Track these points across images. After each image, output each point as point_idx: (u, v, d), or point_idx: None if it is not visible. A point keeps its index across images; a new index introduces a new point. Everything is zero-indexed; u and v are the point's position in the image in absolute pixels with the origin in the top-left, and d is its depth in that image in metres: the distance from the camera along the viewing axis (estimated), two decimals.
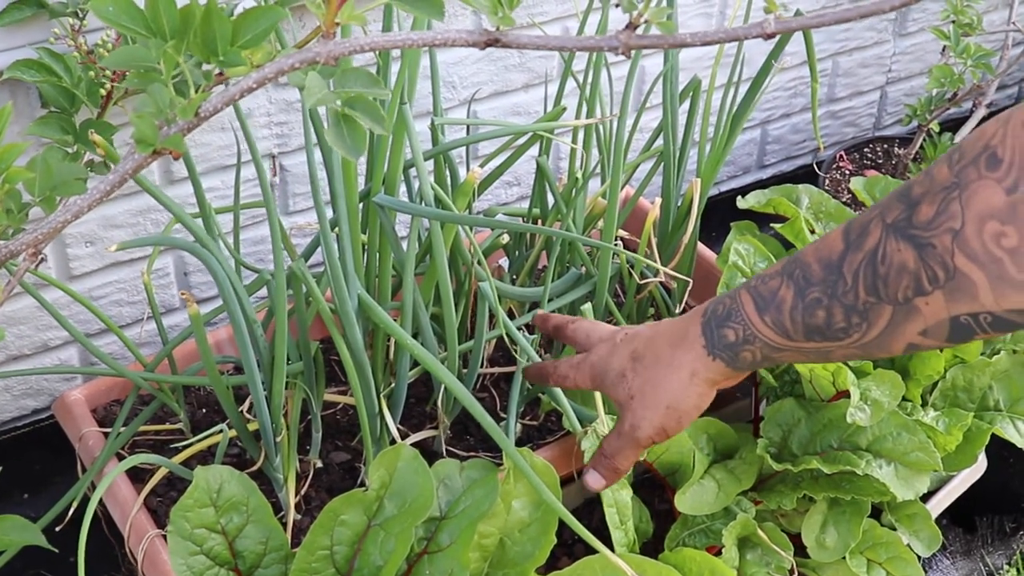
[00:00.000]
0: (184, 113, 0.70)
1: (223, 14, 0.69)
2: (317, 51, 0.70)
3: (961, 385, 1.53)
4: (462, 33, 0.73)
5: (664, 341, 1.10)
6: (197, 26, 0.69)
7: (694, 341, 1.06)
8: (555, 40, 0.77)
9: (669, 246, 1.60)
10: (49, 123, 1.28)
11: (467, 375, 1.45)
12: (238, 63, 0.70)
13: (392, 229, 1.33)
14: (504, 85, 1.78)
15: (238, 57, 0.70)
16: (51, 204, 0.78)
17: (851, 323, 0.93)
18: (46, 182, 0.78)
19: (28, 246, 0.77)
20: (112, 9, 0.69)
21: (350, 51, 0.71)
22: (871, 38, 2.21)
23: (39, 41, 1.34)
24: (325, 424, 1.51)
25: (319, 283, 1.33)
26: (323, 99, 0.69)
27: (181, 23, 0.69)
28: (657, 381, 1.09)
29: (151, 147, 0.71)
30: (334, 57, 0.70)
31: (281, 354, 1.25)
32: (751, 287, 1.01)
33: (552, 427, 1.55)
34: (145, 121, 0.70)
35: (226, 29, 0.69)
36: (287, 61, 0.70)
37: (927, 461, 1.40)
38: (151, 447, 1.48)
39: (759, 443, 1.43)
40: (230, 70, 0.70)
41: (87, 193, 0.74)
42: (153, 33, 0.69)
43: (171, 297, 1.68)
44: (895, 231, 0.89)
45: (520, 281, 1.58)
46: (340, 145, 0.70)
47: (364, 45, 0.71)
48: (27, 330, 1.59)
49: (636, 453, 1.14)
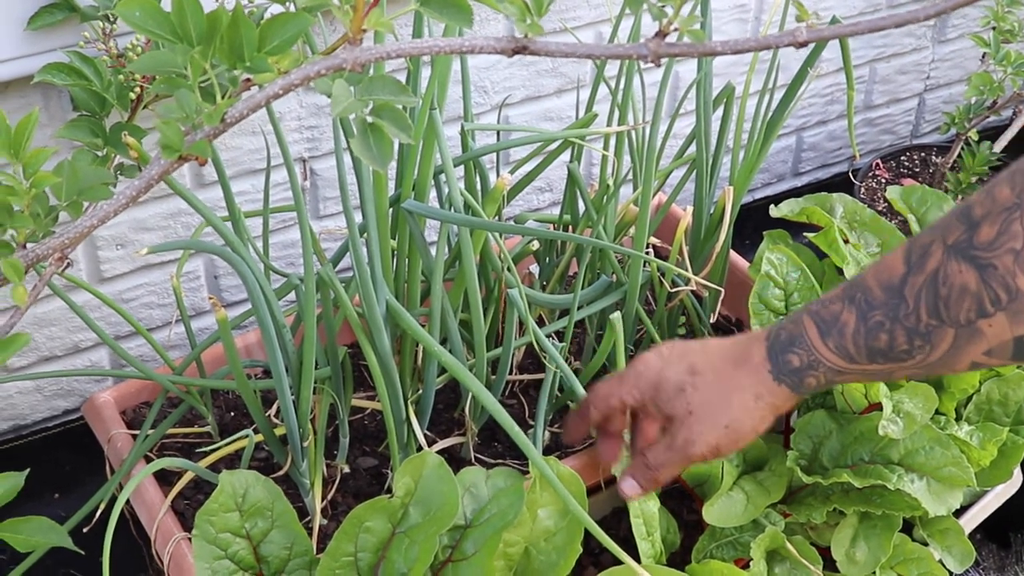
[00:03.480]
0: (210, 119, 0.70)
1: (249, 20, 0.69)
2: (343, 57, 0.69)
3: (996, 399, 1.51)
4: (490, 40, 0.73)
5: (725, 360, 1.07)
6: (224, 32, 0.68)
7: (760, 365, 1.04)
8: (583, 48, 0.76)
9: (701, 254, 1.58)
10: (79, 126, 1.29)
11: (495, 382, 1.44)
12: (265, 69, 0.69)
13: (421, 235, 1.33)
14: (536, 90, 1.77)
15: (265, 63, 0.69)
16: (78, 209, 0.78)
17: (914, 345, 0.92)
18: (72, 186, 0.78)
19: (55, 250, 0.76)
20: (139, 14, 0.68)
21: (376, 58, 0.70)
22: (910, 44, 2.19)
23: (70, 45, 1.34)
24: (352, 429, 1.51)
25: (347, 288, 1.32)
26: (349, 107, 0.68)
27: (208, 29, 0.69)
28: (719, 400, 1.06)
29: (177, 153, 0.70)
30: (360, 64, 0.69)
31: (309, 359, 1.25)
32: (813, 312, 1.00)
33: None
34: (171, 127, 0.69)
35: (253, 35, 0.69)
36: (313, 68, 0.69)
37: (960, 476, 1.38)
38: (179, 450, 1.48)
39: (789, 455, 1.42)
40: (257, 76, 0.70)
41: (114, 198, 0.74)
42: (180, 39, 0.69)
43: (201, 300, 1.69)
44: (956, 252, 0.87)
45: (550, 288, 1.57)
46: (366, 155, 0.70)
47: (390, 52, 0.70)
48: (58, 332, 1.59)
49: (682, 468, 1.12)
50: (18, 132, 0.73)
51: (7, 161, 0.77)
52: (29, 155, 0.74)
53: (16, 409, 1.64)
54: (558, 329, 1.49)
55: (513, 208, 1.87)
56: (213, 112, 0.71)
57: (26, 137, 0.73)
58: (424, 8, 0.69)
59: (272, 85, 0.70)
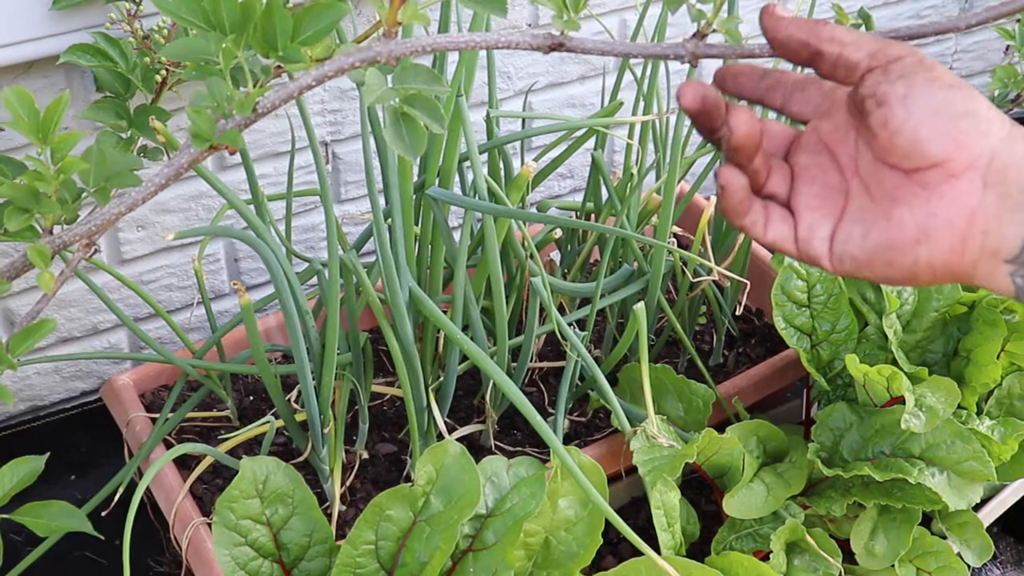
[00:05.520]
0: (241, 108, 0.69)
1: (285, 9, 0.68)
2: (378, 51, 0.68)
3: (1018, 393, 1.50)
4: (526, 36, 0.71)
5: None
6: (258, 20, 0.68)
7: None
8: (621, 46, 0.74)
9: (724, 244, 1.58)
10: (104, 108, 1.28)
11: (516, 370, 1.44)
12: (298, 59, 0.68)
13: (445, 222, 1.32)
14: (560, 76, 1.76)
15: (298, 53, 0.68)
16: (105, 195, 0.77)
17: None
18: (100, 172, 0.77)
19: (82, 236, 0.76)
20: (173, 2, 0.68)
21: (411, 51, 0.69)
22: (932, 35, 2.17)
23: (95, 25, 1.33)
24: (372, 415, 1.50)
25: (369, 273, 1.32)
26: (382, 97, 0.67)
27: (241, 16, 0.68)
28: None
29: (207, 142, 0.70)
30: (395, 57, 0.68)
31: (332, 346, 1.24)
32: None
33: (600, 424, 1.54)
34: (202, 116, 0.69)
35: (287, 24, 0.68)
36: (347, 60, 0.69)
37: (981, 471, 1.37)
38: (198, 433, 1.48)
39: (810, 447, 1.41)
40: (289, 66, 0.69)
41: (142, 186, 0.74)
42: (212, 26, 0.68)
43: (221, 283, 1.68)
44: None
45: (572, 275, 1.56)
46: (398, 144, 0.69)
47: (426, 46, 0.69)
48: (77, 312, 1.59)
49: None
50: (47, 116, 0.73)
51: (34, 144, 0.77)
52: (57, 139, 0.73)
53: (34, 390, 1.64)
54: (579, 318, 1.49)
55: (535, 195, 1.86)
56: (245, 101, 0.71)
57: (54, 121, 0.73)
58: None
59: (305, 75, 0.69)
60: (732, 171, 0.74)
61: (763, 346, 1.68)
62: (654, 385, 1.44)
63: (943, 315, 1.51)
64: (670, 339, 1.66)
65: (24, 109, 0.72)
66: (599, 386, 1.37)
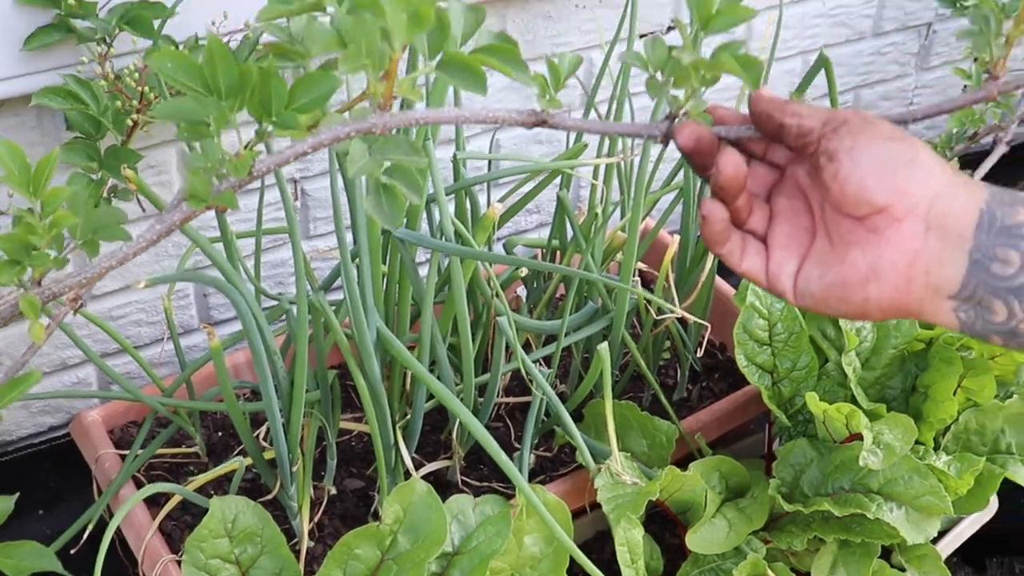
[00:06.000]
0: (237, 170, 0.71)
1: (281, 77, 0.70)
2: (374, 122, 0.71)
3: (974, 428, 1.53)
4: (512, 113, 0.77)
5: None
6: (255, 86, 0.70)
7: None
8: (599, 125, 0.81)
9: (687, 281, 1.60)
10: (75, 149, 1.30)
11: (483, 407, 1.46)
12: (292, 126, 0.70)
13: (412, 262, 1.34)
14: None
15: (293, 119, 0.70)
16: (94, 247, 0.79)
17: None
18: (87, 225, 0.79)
19: (71, 288, 0.78)
20: (171, 66, 0.69)
21: (406, 124, 0.72)
22: (894, 71, 2.21)
23: (65, 65, 1.35)
24: (339, 451, 1.52)
25: (337, 312, 1.33)
26: (365, 168, 0.70)
27: (238, 82, 0.70)
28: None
29: (204, 203, 0.71)
30: (389, 129, 0.71)
31: (300, 385, 1.26)
32: None
33: (566, 459, 1.56)
34: (199, 177, 0.70)
35: (283, 91, 0.70)
36: (343, 129, 0.71)
37: (938, 505, 1.40)
38: (166, 469, 1.49)
39: (771, 483, 1.44)
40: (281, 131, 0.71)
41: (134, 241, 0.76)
42: (210, 91, 0.70)
43: (190, 318, 1.69)
44: None
45: (538, 312, 1.59)
46: (379, 214, 0.71)
47: (419, 119, 0.72)
48: (46, 348, 1.60)
49: None
50: (37, 171, 0.74)
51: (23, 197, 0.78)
52: (47, 194, 0.75)
53: (2, 425, 1.64)
54: (545, 355, 1.51)
55: (502, 231, 1.88)
56: (240, 163, 0.72)
57: (45, 176, 0.74)
58: (441, 72, 0.70)
59: (302, 143, 0.72)
60: (715, 204, 0.83)
61: (726, 380, 1.71)
62: (619, 421, 1.46)
63: (901, 352, 1.54)
64: (635, 374, 1.68)
65: (15, 163, 0.74)
66: (564, 423, 1.39)
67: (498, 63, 0.72)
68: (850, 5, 2.05)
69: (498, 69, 0.72)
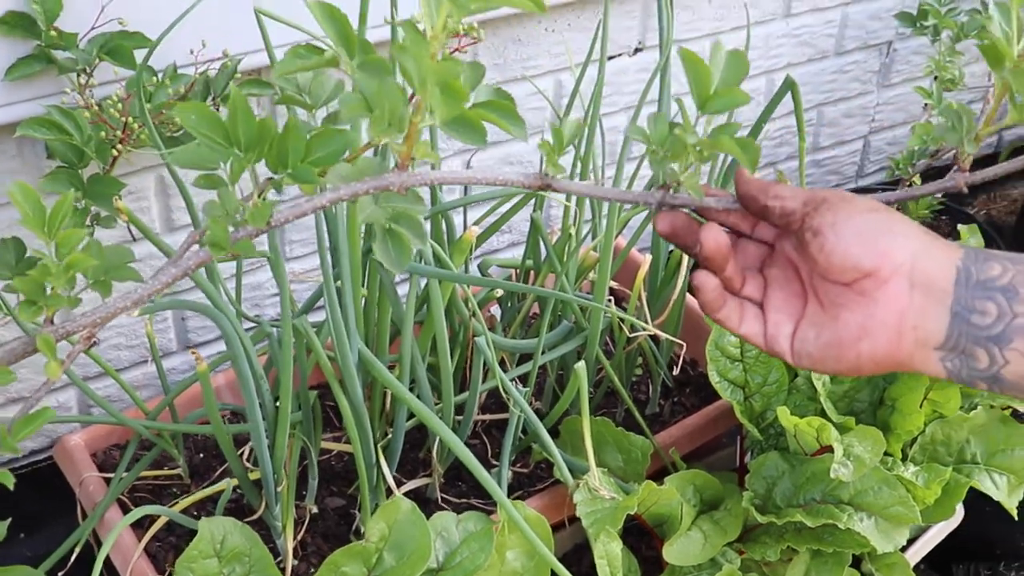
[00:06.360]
0: (255, 220, 0.74)
1: (301, 131, 0.73)
2: (392, 180, 0.75)
3: (940, 439, 1.57)
4: (519, 176, 0.83)
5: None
6: (274, 139, 0.73)
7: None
8: (600, 191, 0.87)
9: (659, 299, 1.64)
10: (58, 179, 1.31)
11: (461, 425, 1.48)
12: (308, 179, 0.74)
13: (391, 284, 1.37)
14: (499, 135, 1.82)
15: (309, 173, 0.74)
16: (106, 288, 0.82)
17: None
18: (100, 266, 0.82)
19: (85, 327, 0.80)
20: (195, 118, 0.73)
21: (422, 183, 0.76)
22: (855, 89, 2.26)
23: (46, 95, 1.37)
24: (320, 470, 1.54)
25: (318, 334, 1.36)
26: (372, 216, 0.73)
27: (258, 135, 0.73)
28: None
29: (224, 251, 0.75)
30: (407, 187, 0.75)
31: (286, 408, 1.28)
32: None
33: (542, 474, 1.59)
34: (219, 226, 0.74)
35: (300, 145, 0.73)
36: (362, 186, 0.75)
37: (907, 515, 1.44)
38: (150, 491, 1.51)
39: (745, 495, 1.47)
40: (297, 182, 0.75)
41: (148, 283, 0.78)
42: (230, 143, 0.73)
43: (169, 341, 1.71)
44: None
45: (512, 330, 1.62)
46: (385, 258, 0.75)
47: (433, 179, 0.77)
48: (27, 373, 1.61)
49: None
50: (53, 214, 0.77)
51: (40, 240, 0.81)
52: (62, 236, 0.78)
53: None
54: (521, 373, 1.54)
55: (476, 251, 1.91)
56: (259, 213, 0.76)
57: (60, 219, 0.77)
58: (447, 128, 0.74)
59: (320, 197, 0.76)
60: (704, 274, 0.90)
61: (697, 395, 1.75)
62: (595, 437, 1.49)
63: None
64: (608, 390, 1.72)
65: (31, 205, 0.77)
66: (542, 440, 1.42)
67: (497, 118, 0.75)
68: (813, 25, 2.10)
69: (497, 124, 0.76)
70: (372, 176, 0.76)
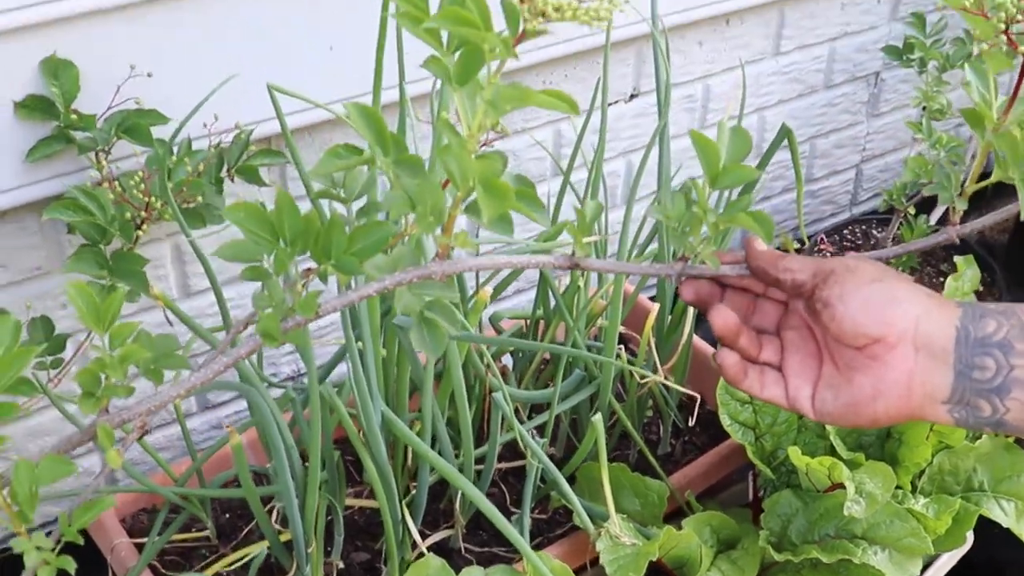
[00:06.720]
0: (304, 310, 0.79)
1: (342, 226, 0.78)
2: (434, 269, 0.80)
3: (947, 469, 1.61)
4: (550, 258, 0.90)
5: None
6: (319, 233, 0.78)
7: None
8: (623, 266, 0.95)
9: (668, 343, 1.68)
10: (84, 258, 1.35)
11: (482, 477, 1.52)
12: (352, 270, 0.78)
13: (410, 346, 1.41)
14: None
15: (352, 264, 0.78)
16: (158, 376, 0.86)
17: None
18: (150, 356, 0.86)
19: (139, 415, 0.84)
20: (243, 215, 0.78)
21: (462, 271, 0.81)
22: (846, 120, 2.31)
23: (65, 173, 1.40)
24: (345, 525, 1.58)
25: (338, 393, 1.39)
26: (409, 305, 0.78)
27: (303, 230, 0.78)
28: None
29: (276, 342, 0.79)
30: (448, 275, 0.79)
31: (315, 470, 1.32)
32: None
33: (560, 520, 1.62)
34: (271, 318, 0.78)
35: (342, 238, 0.78)
36: (407, 276, 0.80)
37: (919, 546, 1.48)
38: (179, 554, 1.54)
39: (761, 534, 1.51)
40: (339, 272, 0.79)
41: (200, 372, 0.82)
42: (276, 238, 0.78)
43: (188, 403, 1.75)
44: None
45: (525, 381, 1.65)
46: (421, 344, 0.79)
47: (472, 266, 0.83)
48: (52, 441, 1.65)
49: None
50: (106, 307, 0.81)
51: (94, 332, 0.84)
52: (116, 328, 0.82)
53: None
54: (538, 424, 1.58)
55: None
56: (307, 303, 0.80)
57: (112, 312, 0.81)
58: (470, 216, 0.78)
59: (366, 287, 0.80)
60: (725, 352, 1.00)
61: (707, 433, 1.78)
62: (612, 482, 1.53)
63: None
64: (620, 432, 1.75)
65: (85, 302, 0.81)
66: (561, 489, 1.46)
67: (524, 207, 0.79)
68: (801, 62, 2.15)
69: (523, 212, 0.79)
70: (413, 266, 0.80)
